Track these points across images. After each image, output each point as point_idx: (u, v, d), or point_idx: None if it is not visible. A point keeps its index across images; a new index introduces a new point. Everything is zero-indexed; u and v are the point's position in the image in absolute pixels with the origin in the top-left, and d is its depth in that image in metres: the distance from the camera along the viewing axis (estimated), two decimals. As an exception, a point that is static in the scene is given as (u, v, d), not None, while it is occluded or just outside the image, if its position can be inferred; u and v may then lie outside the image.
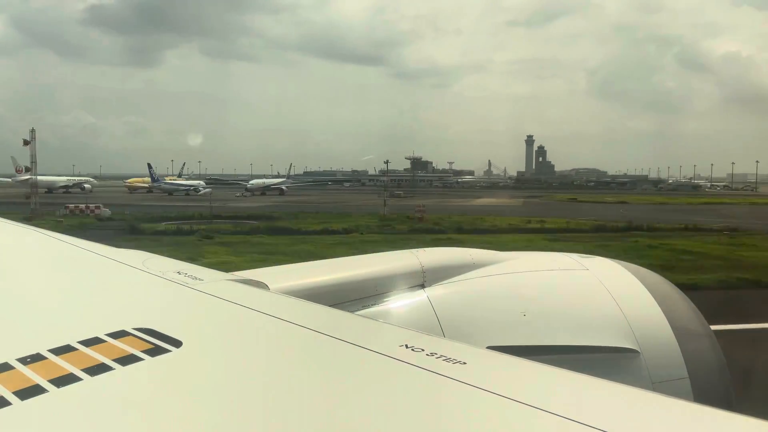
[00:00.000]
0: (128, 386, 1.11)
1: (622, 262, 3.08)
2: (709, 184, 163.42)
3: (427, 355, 1.20)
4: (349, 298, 2.59)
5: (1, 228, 3.72)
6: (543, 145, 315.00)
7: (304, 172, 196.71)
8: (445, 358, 1.18)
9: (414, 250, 3.05)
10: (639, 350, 2.49)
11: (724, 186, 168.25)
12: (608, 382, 1.11)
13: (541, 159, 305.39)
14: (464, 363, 1.16)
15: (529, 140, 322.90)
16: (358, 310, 2.56)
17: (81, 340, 1.28)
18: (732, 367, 2.77)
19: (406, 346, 1.25)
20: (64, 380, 1.09)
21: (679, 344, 2.54)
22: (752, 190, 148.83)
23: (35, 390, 1.05)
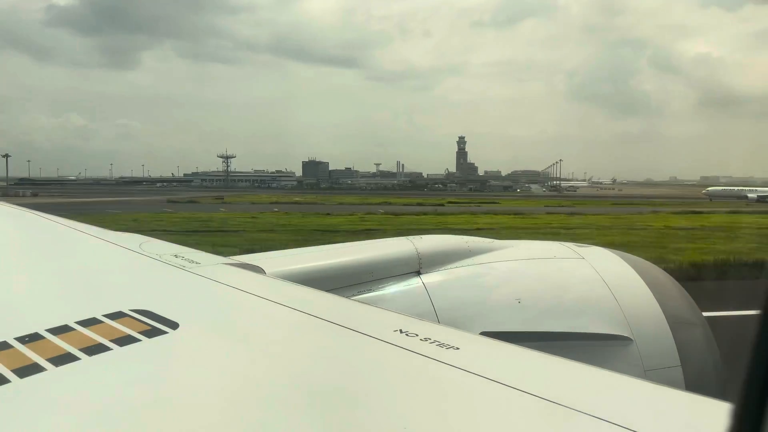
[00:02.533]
0: (126, 366, 1.12)
1: (618, 251, 3.10)
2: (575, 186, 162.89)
3: (420, 340, 1.21)
4: (345, 283, 2.60)
5: (2, 211, 3.75)
6: (464, 146, 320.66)
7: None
8: (438, 343, 1.19)
9: (410, 237, 3.06)
10: (632, 338, 2.51)
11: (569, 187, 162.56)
12: (600, 369, 1.12)
13: (462, 160, 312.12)
14: (457, 348, 1.17)
15: (461, 141, 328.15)
16: (354, 295, 2.56)
17: (79, 320, 1.29)
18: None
19: (401, 331, 1.26)
20: (62, 359, 1.10)
21: (672, 333, 2.57)
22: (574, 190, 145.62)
23: (34, 368, 1.06)
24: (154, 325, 1.28)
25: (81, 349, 1.14)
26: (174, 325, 1.29)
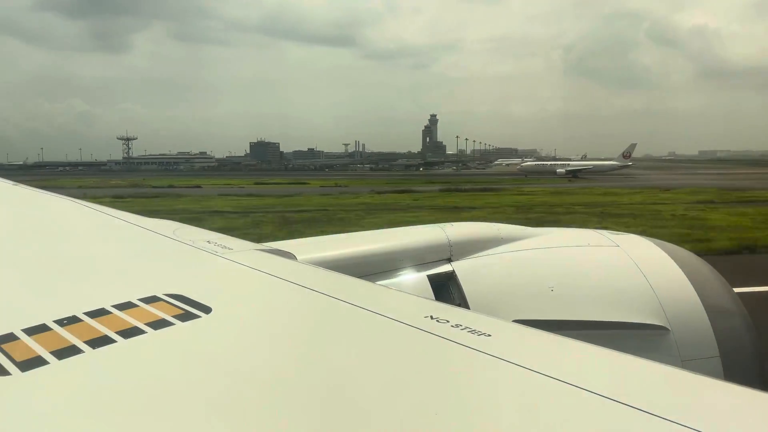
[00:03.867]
0: (160, 349, 1.13)
1: (655, 239, 3.00)
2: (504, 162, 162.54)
3: (451, 326, 1.19)
4: (375, 270, 2.61)
5: (40, 197, 3.81)
6: (436, 125, 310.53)
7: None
8: (470, 329, 1.17)
9: (441, 225, 3.06)
10: (669, 327, 2.46)
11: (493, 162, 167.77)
12: (637, 358, 1.08)
13: (428, 139, 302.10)
14: (489, 335, 1.15)
15: (433, 119, 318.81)
16: (384, 281, 2.56)
17: (114, 303, 1.32)
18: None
19: (431, 317, 1.24)
20: (98, 342, 1.12)
21: (711, 322, 2.50)
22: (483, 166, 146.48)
23: (71, 350, 1.09)
24: (188, 309, 1.30)
25: (117, 332, 1.16)
26: (207, 310, 1.30)
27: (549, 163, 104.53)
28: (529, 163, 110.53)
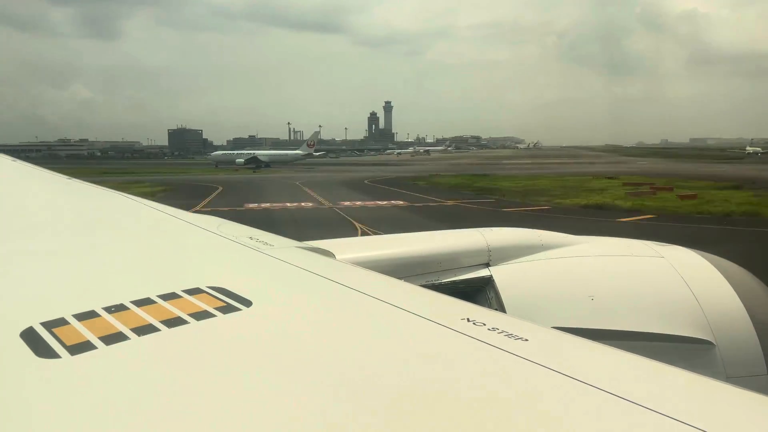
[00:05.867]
0: (201, 340, 1.17)
1: (702, 252, 2.93)
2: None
3: (488, 329, 1.19)
4: (414, 272, 2.62)
5: (93, 192, 3.95)
6: (376, 112, 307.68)
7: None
8: (506, 333, 1.17)
9: (481, 229, 3.05)
10: (714, 342, 2.40)
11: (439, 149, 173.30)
12: (680, 369, 1.05)
13: (374, 126, 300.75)
14: (526, 340, 1.14)
15: (387, 106, 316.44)
16: (421, 284, 2.56)
17: (160, 294, 1.36)
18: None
19: (468, 320, 1.24)
20: (143, 330, 1.16)
21: (759, 338, 2.43)
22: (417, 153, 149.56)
23: (118, 337, 1.13)
24: (229, 302, 1.33)
25: (161, 321, 1.20)
26: (248, 303, 1.34)
27: (235, 152, 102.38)
28: (216, 153, 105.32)
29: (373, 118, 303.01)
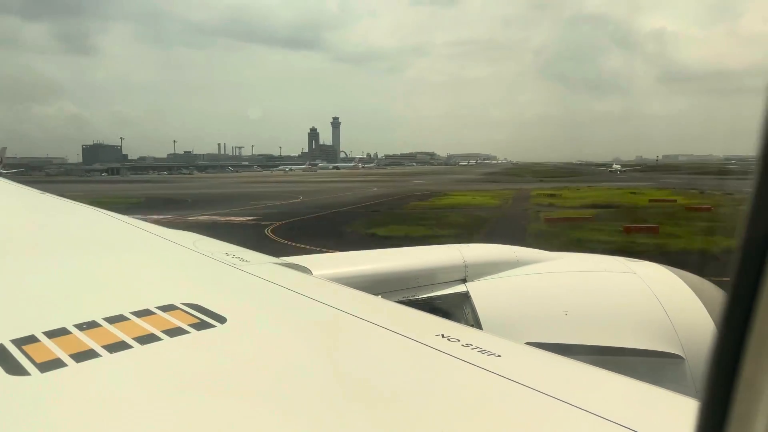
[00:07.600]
0: (174, 356, 1.16)
1: (672, 268, 2.99)
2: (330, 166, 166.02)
3: (462, 345, 1.20)
4: (391, 288, 2.63)
5: (65, 207, 3.90)
6: (316, 127, 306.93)
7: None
8: (480, 349, 1.18)
9: (458, 245, 3.08)
10: (684, 356, 2.44)
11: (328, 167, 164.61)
12: (648, 385, 1.07)
13: (314, 143, 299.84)
14: (499, 356, 1.15)
15: (335, 122, 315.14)
16: (398, 300, 2.56)
17: (133, 311, 1.36)
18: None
19: (442, 336, 1.26)
20: (115, 347, 1.15)
21: None
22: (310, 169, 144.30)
23: (89, 354, 1.12)
24: (203, 318, 1.33)
25: (134, 338, 1.19)
26: (222, 320, 1.33)
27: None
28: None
29: (313, 133, 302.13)
